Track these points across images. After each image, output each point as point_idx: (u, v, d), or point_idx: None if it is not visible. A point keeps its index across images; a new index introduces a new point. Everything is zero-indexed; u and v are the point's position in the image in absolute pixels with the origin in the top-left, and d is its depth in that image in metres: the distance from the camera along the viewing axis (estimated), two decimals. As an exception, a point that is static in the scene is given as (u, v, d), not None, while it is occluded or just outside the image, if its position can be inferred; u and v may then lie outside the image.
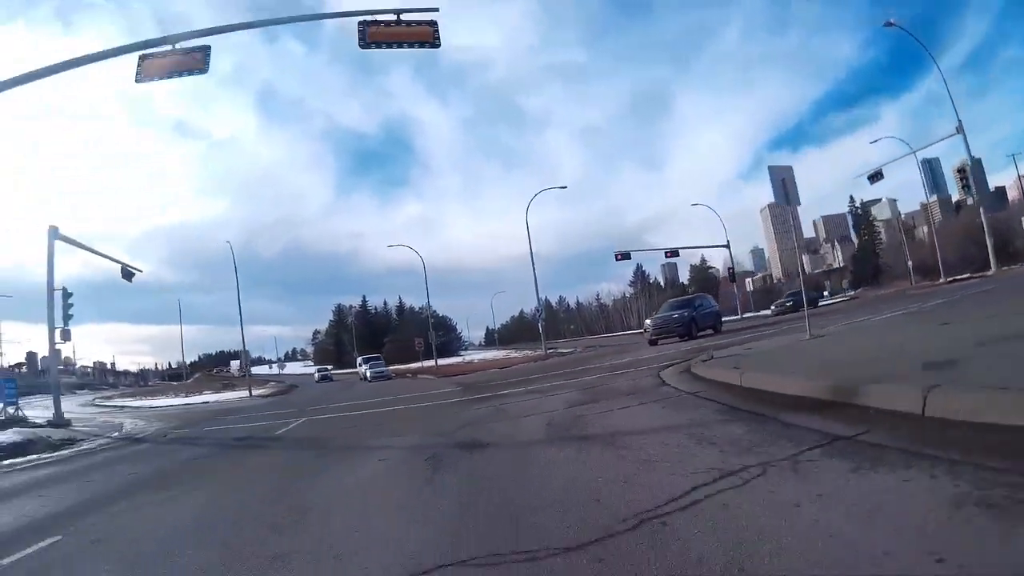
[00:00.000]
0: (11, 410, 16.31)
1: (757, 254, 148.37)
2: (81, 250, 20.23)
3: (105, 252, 22.59)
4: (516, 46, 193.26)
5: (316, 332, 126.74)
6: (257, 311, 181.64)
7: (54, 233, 17.58)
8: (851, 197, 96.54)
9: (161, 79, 9.24)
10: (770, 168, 9.27)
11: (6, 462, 9.34)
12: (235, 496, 4.52)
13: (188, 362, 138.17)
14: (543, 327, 33.29)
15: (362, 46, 8.90)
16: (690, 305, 21.12)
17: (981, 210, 23.83)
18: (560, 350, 31.63)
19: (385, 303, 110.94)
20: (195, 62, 9.04)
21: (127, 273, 22.82)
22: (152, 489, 5.19)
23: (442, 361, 41.22)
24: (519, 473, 3.62)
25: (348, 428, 8.42)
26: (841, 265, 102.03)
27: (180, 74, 9.14)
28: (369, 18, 8.93)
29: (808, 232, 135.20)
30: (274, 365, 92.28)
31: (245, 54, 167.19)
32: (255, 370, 79.46)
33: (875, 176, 26.45)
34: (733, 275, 38.99)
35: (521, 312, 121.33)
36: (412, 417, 8.56)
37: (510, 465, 3.95)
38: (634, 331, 61.14)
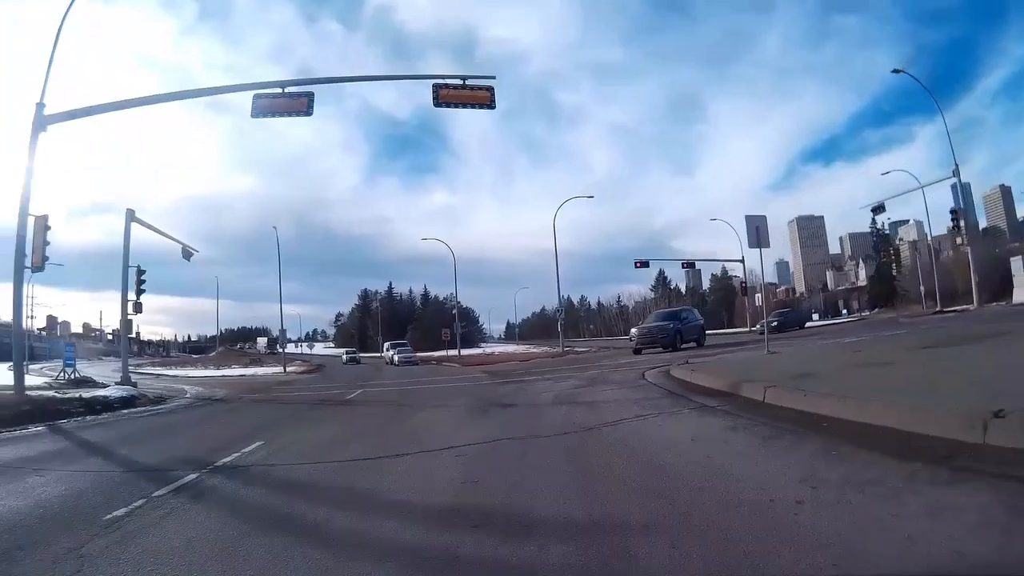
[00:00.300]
0: (70, 372, 19.29)
1: (782, 267, 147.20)
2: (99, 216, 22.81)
3: (170, 233, 25.59)
4: (555, 41, 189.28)
5: (339, 315, 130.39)
6: (277, 290, 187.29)
7: (130, 215, 19.87)
8: (874, 219, 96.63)
9: (271, 116, 11.98)
10: (747, 217, 11.61)
11: (136, 409, 11.63)
12: (354, 427, 7.18)
13: (209, 336, 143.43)
14: (562, 327, 35.83)
15: (435, 104, 11.49)
16: (676, 317, 21.78)
17: (969, 250, 25.60)
18: (576, 349, 34.10)
19: (410, 291, 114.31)
20: (301, 105, 11.73)
21: (187, 253, 25.73)
22: (289, 427, 7.47)
23: (464, 351, 44.13)
24: (533, 416, 6.27)
25: (408, 396, 11.11)
26: (863, 284, 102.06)
27: (287, 114, 11.88)
28: (441, 81, 11.56)
29: (834, 248, 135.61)
30: (303, 345, 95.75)
31: (284, 33, 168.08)
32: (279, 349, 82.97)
33: (878, 208, 28.32)
34: (745, 289, 40.93)
35: (543, 309, 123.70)
36: (456, 392, 11.21)
37: (528, 413, 6.61)
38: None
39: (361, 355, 65.23)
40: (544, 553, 2.20)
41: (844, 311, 61.54)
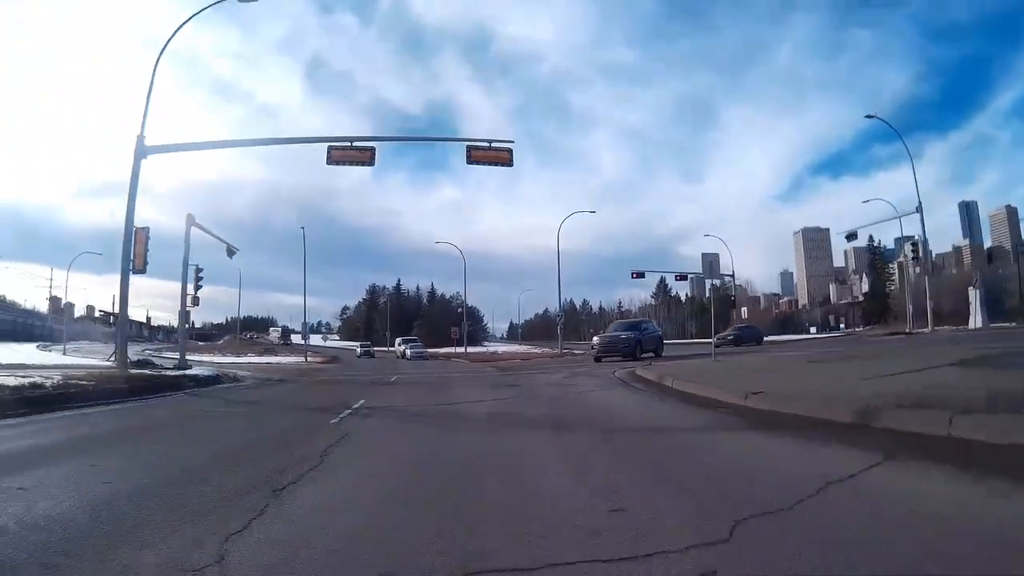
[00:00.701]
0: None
1: (786, 277, 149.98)
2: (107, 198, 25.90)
3: (217, 234, 29.00)
4: (568, 41, 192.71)
5: (345, 308, 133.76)
6: (282, 280, 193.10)
7: (190, 220, 23.09)
8: (870, 236, 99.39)
9: (341, 165, 15.48)
10: (703, 254, 15.14)
11: (228, 385, 14.62)
12: (415, 395, 10.68)
13: (214, 323, 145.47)
14: (561, 330, 39.34)
15: (468, 162, 15.02)
16: (637, 328, 22.77)
17: (926, 279, 28.97)
18: (574, 351, 37.56)
19: (418, 287, 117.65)
20: (366, 157, 15.23)
21: (230, 252, 28.92)
22: (370, 394, 10.96)
23: (470, 349, 47.70)
24: (531, 390, 9.85)
25: (438, 380, 14.60)
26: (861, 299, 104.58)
27: (355, 164, 15.40)
28: (472, 144, 15.11)
29: (839, 261, 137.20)
30: (315, 337, 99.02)
31: (297, 22, 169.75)
32: (292, 339, 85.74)
33: (851, 236, 31.69)
34: (734, 302, 44.43)
35: (546, 310, 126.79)
36: (475, 379, 14.72)
37: (528, 389, 10.17)
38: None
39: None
40: (532, 425, 5.72)
41: (841, 325, 64.67)
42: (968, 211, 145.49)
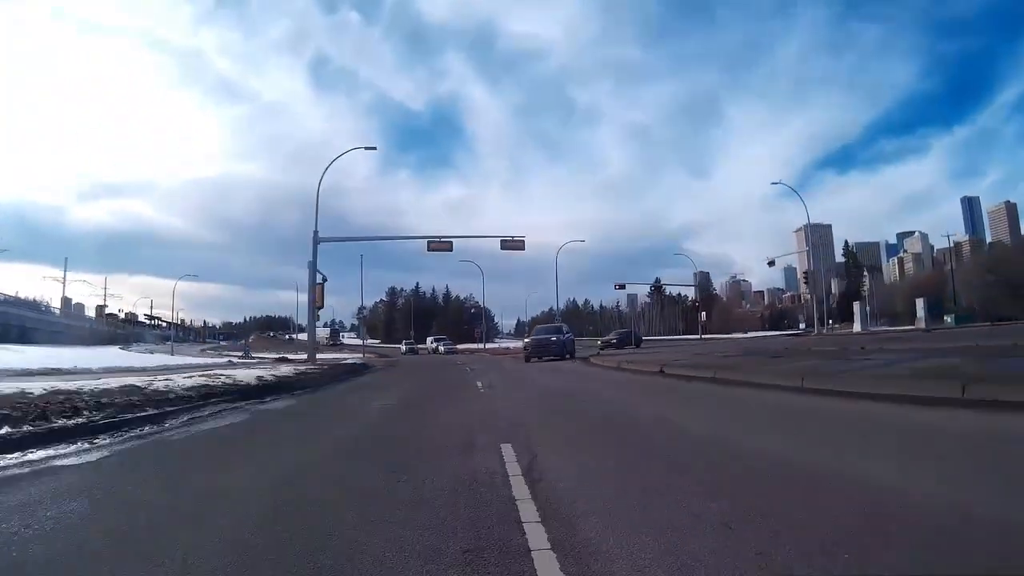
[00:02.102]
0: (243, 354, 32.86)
1: (790, 272, 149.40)
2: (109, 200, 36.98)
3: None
4: (574, 38, 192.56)
5: (362, 307, 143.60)
6: (288, 277, 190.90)
7: (316, 237, 33.02)
8: (846, 242, 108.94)
9: (434, 252, 25.95)
10: (696, 273, 25.51)
11: (376, 370, 26.03)
12: (497, 371, 21.27)
13: (233, 323, 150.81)
14: (561, 330, 49.89)
15: (502, 248, 25.55)
16: (560, 331, 26.40)
17: (806, 295, 39.32)
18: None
19: (433, 289, 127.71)
20: (448, 246, 25.73)
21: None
22: (473, 370, 21.73)
23: (487, 345, 58.35)
24: (549, 367, 20.47)
25: (496, 366, 25.10)
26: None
27: (443, 251, 25.89)
28: (503, 238, 25.66)
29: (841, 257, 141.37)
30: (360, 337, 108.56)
31: (301, 21, 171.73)
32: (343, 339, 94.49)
33: (771, 263, 42.04)
34: (697, 307, 54.79)
35: (550, 308, 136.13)
36: (512, 364, 25.16)
37: (544, 366, 20.78)
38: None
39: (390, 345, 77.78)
40: (544, 371, 16.31)
41: (801, 324, 74.31)
42: (971, 206, 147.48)
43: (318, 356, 25.57)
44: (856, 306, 41.23)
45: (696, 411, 7.27)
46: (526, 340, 25.93)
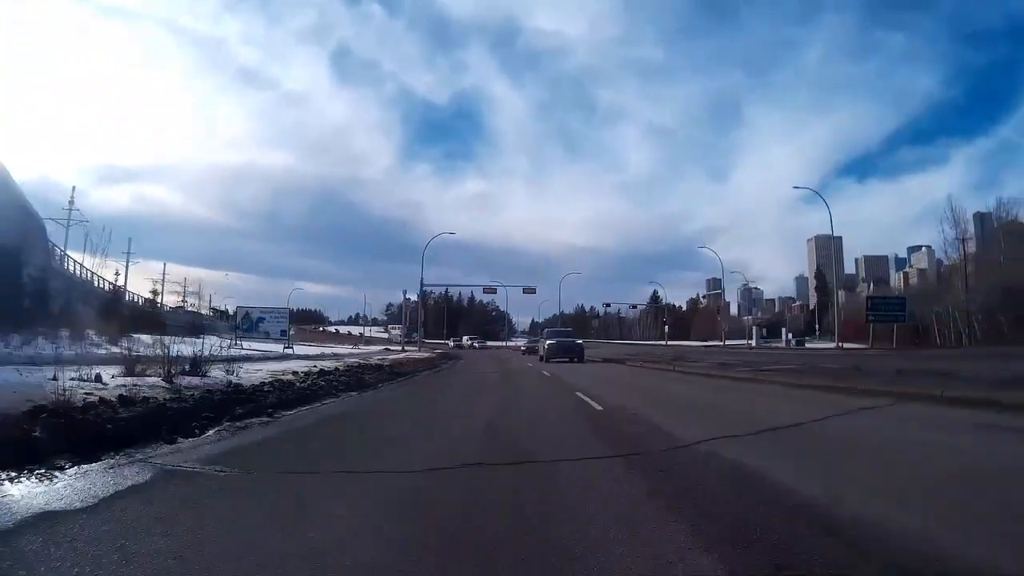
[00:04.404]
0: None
1: (801, 282, 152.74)
2: (129, 184, 51.40)
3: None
4: (598, 36, 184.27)
5: (389, 305, 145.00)
6: (307, 269, 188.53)
7: (422, 284, 50.52)
8: (817, 266, 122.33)
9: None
10: (707, 294, 42.06)
11: (464, 360, 42.98)
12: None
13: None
14: (566, 334, 66.42)
15: (524, 293, 42.36)
16: (573, 336, 30.75)
17: (720, 312, 55.31)
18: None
19: (459, 293, 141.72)
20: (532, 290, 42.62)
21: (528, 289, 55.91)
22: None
23: (506, 344, 75.19)
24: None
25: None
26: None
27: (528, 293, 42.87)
28: (524, 287, 42.62)
29: (850, 268, 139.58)
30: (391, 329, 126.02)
31: (324, 12, 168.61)
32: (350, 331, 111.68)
33: (715, 286, 58.31)
34: (665, 320, 71.10)
35: (562, 312, 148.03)
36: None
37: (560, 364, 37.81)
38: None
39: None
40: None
41: (764, 333, 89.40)
42: (982, 222, 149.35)
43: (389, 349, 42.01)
44: (753, 328, 57.16)
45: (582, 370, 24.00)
46: (549, 343, 29.57)
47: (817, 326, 75.08)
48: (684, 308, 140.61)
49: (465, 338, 78.03)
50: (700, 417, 7.34)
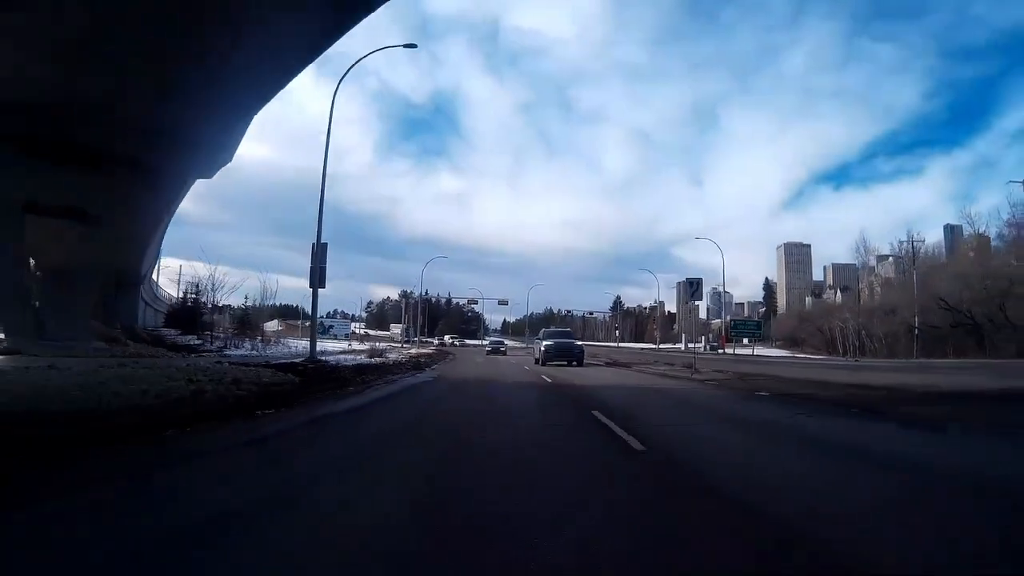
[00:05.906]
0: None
1: (769, 289, 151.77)
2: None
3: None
4: (583, 38, 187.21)
5: (370, 303, 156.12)
6: (281, 260, 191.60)
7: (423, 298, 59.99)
8: (766, 279, 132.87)
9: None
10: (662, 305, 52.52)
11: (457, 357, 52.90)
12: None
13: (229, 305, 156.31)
14: (528, 334, 76.53)
15: (499, 305, 52.31)
16: (572, 337, 29.30)
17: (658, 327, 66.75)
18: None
19: (438, 294, 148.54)
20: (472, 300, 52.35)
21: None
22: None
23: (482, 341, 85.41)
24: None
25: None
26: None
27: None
28: (499, 300, 52.66)
29: (819, 275, 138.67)
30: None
31: None
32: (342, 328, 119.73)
33: (695, 291, 69.54)
34: (637, 322, 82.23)
35: (532, 314, 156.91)
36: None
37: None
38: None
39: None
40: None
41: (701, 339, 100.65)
42: (952, 233, 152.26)
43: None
44: (683, 333, 68.64)
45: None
46: (546, 344, 26.96)
47: (762, 332, 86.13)
48: (647, 310, 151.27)
49: (447, 337, 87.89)
50: (580, 378, 17.18)
